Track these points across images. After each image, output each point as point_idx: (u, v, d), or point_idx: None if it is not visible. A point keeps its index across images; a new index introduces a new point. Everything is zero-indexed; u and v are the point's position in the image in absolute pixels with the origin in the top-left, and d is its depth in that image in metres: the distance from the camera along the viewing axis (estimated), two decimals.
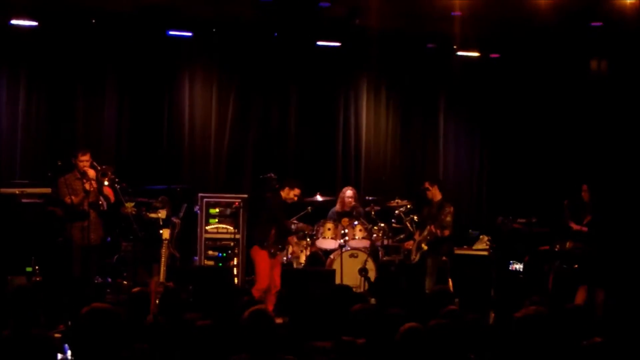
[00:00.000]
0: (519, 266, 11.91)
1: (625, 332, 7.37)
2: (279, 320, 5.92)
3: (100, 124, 12.53)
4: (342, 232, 11.80)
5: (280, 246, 10.36)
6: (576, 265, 10.67)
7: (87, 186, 9.68)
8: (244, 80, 13.19)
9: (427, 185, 11.19)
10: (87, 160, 9.80)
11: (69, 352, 4.06)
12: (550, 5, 11.14)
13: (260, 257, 10.23)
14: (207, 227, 11.84)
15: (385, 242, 11.84)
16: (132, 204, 10.60)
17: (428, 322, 5.35)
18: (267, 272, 10.19)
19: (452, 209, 10.91)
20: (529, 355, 5.14)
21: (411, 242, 11.16)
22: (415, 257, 10.92)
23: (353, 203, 12.25)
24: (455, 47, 13.19)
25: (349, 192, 12.33)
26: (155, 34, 12.49)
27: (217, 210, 11.90)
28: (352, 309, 5.87)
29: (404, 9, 12.03)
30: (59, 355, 4.21)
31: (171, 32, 12.57)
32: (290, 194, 10.51)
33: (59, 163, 10.13)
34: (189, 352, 3.59)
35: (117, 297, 10.17)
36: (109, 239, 10.92)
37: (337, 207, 12.31)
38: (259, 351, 5.29)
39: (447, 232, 10.83)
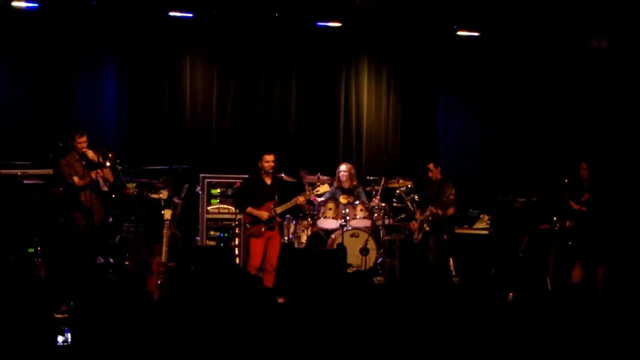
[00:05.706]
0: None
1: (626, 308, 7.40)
2: (280, 300, 5.94)
3: (101, 105, 12.55)
4: (343, 212, 11.80)
5: (261, 225, 10.37)
6: (570, 243, 10.69)
7: (93, 175, 9.79)
8: (245, 60, 13.17)
9: (430, 166, 11.21)
10: (84, 142, 9.88)
11: (68, 335, 4.09)
12: None
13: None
14: (208, 208, 11.90)
15: (387, 221, 11.85)
16: (134, 184, 10.63)
17: None
18: (257, 250, 10.26)
19: (452, 189, 10.94)
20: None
21: (414, 222, 11.19)
22: (418, 237, 10.96)
23: (347, 178, 12.12)
24: (455, 26, 13.14)
25: (342, 166, 12.19)
26: (156, 14, 12.48)
27: (219, 190, 11.95)
28: None
29: None
30: (59, 337, 4.24)
31: (172, 13, 12.56)
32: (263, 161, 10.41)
33: (60, 144, 10.18)
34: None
35: (118, 277, 10.22)
36: (110, 219, 10.97)
37: (335, 184, 12.19)
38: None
39: (451, 211, 10.85)
